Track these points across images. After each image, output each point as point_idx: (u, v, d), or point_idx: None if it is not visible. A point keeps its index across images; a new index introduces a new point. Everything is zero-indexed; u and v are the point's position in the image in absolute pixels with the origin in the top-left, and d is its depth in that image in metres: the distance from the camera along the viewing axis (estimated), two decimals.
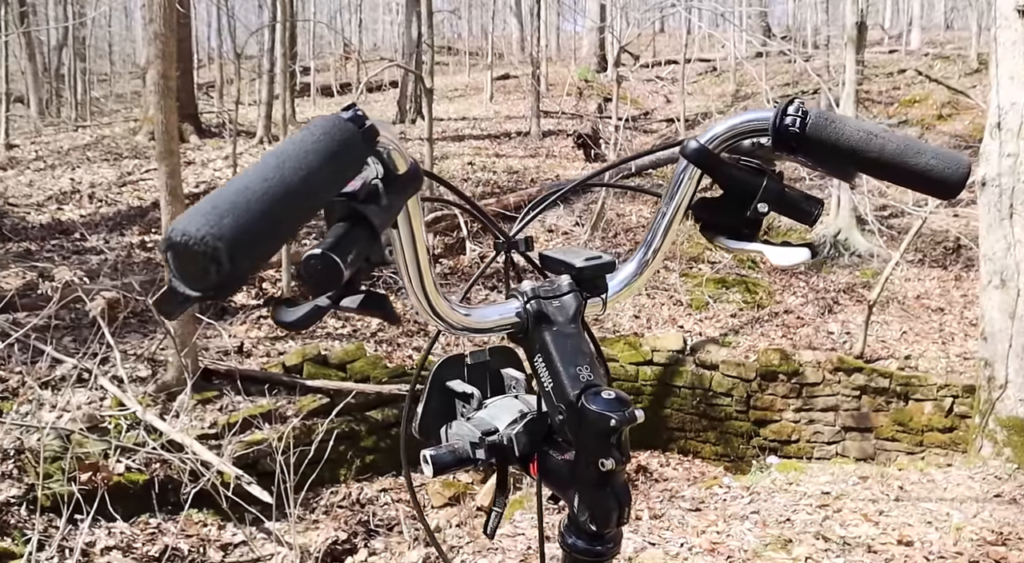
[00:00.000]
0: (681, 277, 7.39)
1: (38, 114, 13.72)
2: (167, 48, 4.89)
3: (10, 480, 4.08)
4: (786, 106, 0.68)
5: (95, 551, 3.88)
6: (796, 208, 0.71)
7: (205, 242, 0.40)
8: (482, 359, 0.75)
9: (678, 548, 2.78)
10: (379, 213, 0.53)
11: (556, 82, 16.15)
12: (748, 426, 6.16)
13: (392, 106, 14.30)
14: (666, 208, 0.77)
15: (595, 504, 0.64)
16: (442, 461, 0.66)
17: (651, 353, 6.29)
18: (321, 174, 0.47)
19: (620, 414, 0.62)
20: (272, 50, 8.98)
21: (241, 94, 15.30)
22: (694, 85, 15.58)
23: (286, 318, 0.51)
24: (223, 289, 0.41)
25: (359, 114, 0.51)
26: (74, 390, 4.67)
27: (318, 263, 0.50)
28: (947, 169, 0.65)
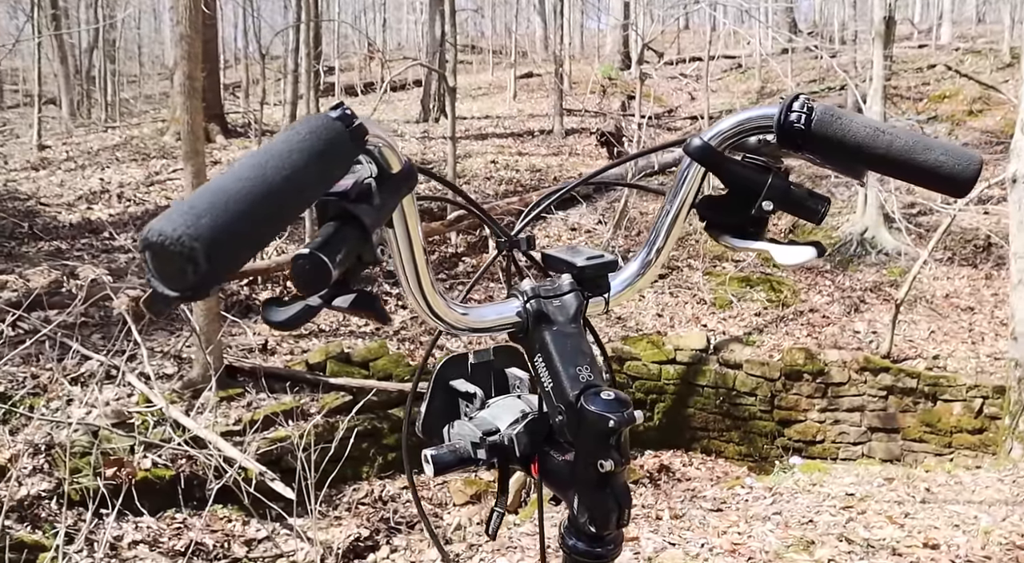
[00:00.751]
0: (704, 276, 7.34)
1: (69, 115, 13.96)
2: (192, 49, 4.95)
3: (41, 474, 4.16)
4: (791, 102, 0.66)
5: (123, 545, 3.95)
6: (802, 206, 0.70)
7: (181, 242, 0.40)
8: (486, 358, 0.75)
9: (698, 549, 2.76)
10: (371, 212, 0.53)
11: (579, 80, 16.10)
12: (772, 426, 6.11)
13: (416, 105, 14.35)
14: (670, 206, 0.76)
15: (594, 505, 0.63)
16: (443, 461, 0.66)
17: (674, 352, 6.25)
18: (305, 173, 0.47)
19: (619, 415, 0.61)
20: (297, 50, 9.06)
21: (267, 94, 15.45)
22: (719, 82, 15.45)
23: (275, 317, 0.51)
24: (201, 289, 0.41)
25: (347, 113, 0.51)
26: (102, 387, 4.75)
27: (306, 263, 0.49)
28: (957, 166, 0.63)
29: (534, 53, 19.55)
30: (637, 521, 3.09)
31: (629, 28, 15.86)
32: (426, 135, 12.34)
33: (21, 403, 4.49)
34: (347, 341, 5.93)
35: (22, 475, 4.06)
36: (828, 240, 8.15)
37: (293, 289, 0.52)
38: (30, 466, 4.15)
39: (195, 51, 5.00)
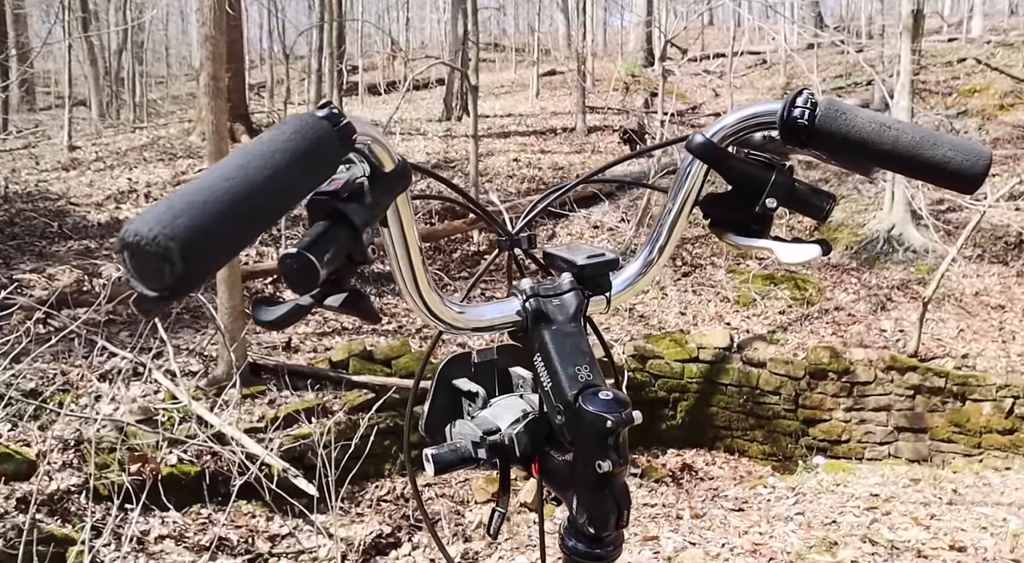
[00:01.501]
0: (728, 273, 7.28)
1: (99, 116, 14.18)
2: (217, 50, 5.01)
3: (70, 469, 4.24)
4: (794, 98, 0.65)
5: (149, 539, 4.01)
6: (806, 203, 0.69)
7: (157, 242, 0.40)
8: (489, 357, 0.74)
9: (719, 548, 2.74)
10: (361, 212, 0.53)
11: (602, 77, 16.04)
12: (797, 425, 6.05)
13: (439, 104, 14.38)
14: (672, 204, 0.75)
15: (593, 506, 0.63)
16: (443, 460, 0.66)
17: (697, 350, 6.21)
18: (289, 173, 0.46)
19: (617, 415, 0.60)
20: (320, 50, 9.12)
21: (291, 94, 15.58)
22: (743, 78, 15.30)
23: (265, 317, 0.51)
24: (180, 289, 0.41)
25: (334, 112, 0.51)
26: (129, 383, 4.83)
27: (293, 262, 0.49)
28: (965, 161, 0.62)
29: (557, 51, 19.51)
30: (657, 520, 3.08)
31: (652, 25, 15.76)
32: (449, 133, 12.37)
33: (51, 399, 4.57)
34: (370, 339, 5.96)
35: (52, 470, 4.14)
36: (854, 237, 8.04)
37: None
38: (60, 461, 4.22)
39: (220, 52, 5.06)
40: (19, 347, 3.74)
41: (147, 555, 3.87)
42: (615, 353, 6.11)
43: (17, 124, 14.28)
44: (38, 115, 17.15)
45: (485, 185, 9.35)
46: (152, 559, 3.86)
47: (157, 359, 4.96)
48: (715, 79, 14.13)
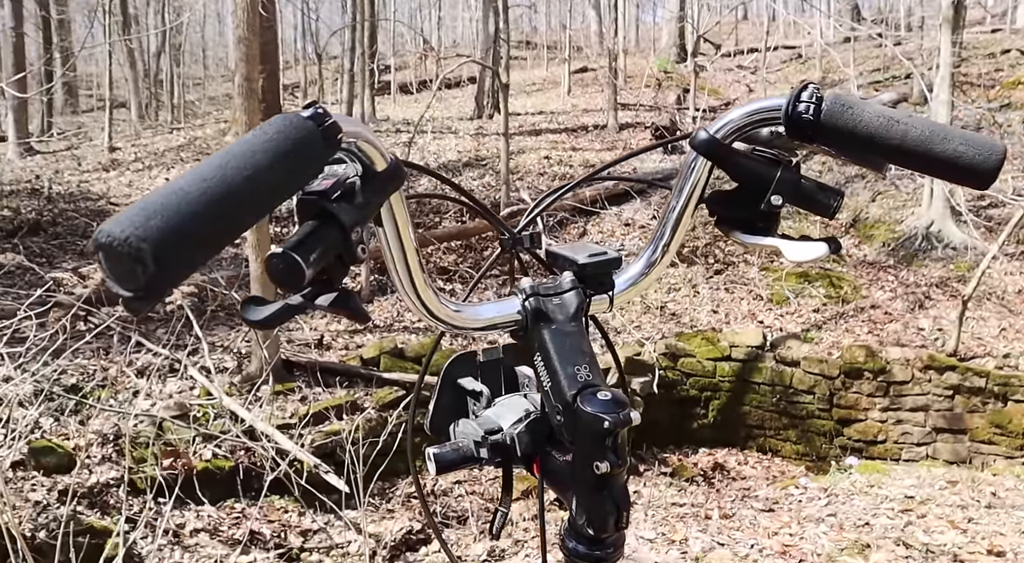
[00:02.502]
0: (761, 271, 7.19)
1: (138, 118, 14.47)
2: (250, 52, 5.08)
3: (109, 463, 4.34)
4: (799, 92, 0.64)
5: (185, 532, 4.09)
6: (813, 200, 0.67)
7: (129, 243, 0.40)
8: (495, 356, 0.73)
9: (747, 549, 2.70)
10: (350, 211, 0.53)
11: (635, 74, 15.93)
12: (831, 425, 5.95)
13: (470, 102, 14.42)
14: (676, 202, 0.74)
15: (592, 508, 0.62)
16: (445, 459, 0.65)
17: (729, 349, 6.15)
18: (269, 174, 0.46)
19: (615, 416, 0.59)
20: (352, 50, 9.20)
21: (324, 93, 15.73)
22: (777, 73, 15.08)
23: (253, 317, 0.51)
24: (154, 290, 0.41)
25: (319, 112, 0.50)
26: (166, 379, 4.92)
27: (279, 262, 0.49)
28: (978, 156, 0.60)
29: (588, 48, 19.43)
30: (686, 520, 3.05)
31: (685, 20, 15.62)
32: (480, 132, 12.39)
33: (91, 395, 4.68)
34: (401, 336, 6.01)
35: (92, 464, 4.24)
36: (891, 234, 7.89)
37: (351, 286, 0.52)
38: (99, 455, 4.32)
39: (253, 53, 5.13)
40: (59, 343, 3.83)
41: (183, 548, 3.95)
42: (646, 351, 6.08)
43: (60, 126, 14.65)
44: (80, 117, 17.56)
45: (516, 183, 9.35)
46: (187, 552, 3.94)
47: (192, 356, 5.05)
48: (749, 74, 13.96)
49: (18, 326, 3.63)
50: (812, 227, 7.54)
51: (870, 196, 8.57)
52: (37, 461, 4.10)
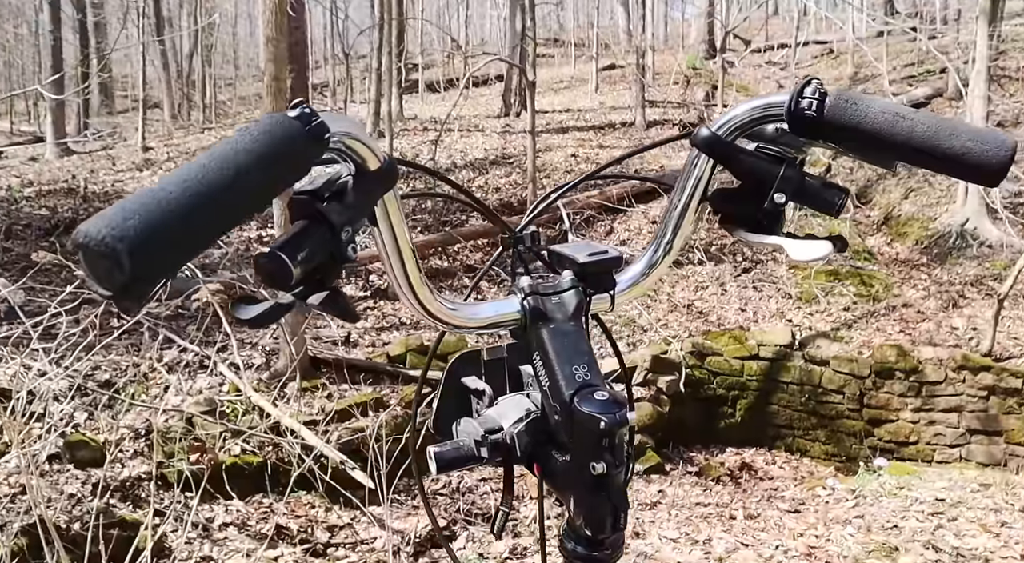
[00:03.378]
0: (790, 269, 7.11)
1: (171, 118, 14.70)
2: (278, 52, 5.13)
3: (141, 457, 4.42)
4: (802, 88, 0.63)
5: (214, 526, 4.15)
6: (817, 198, 0.66)
7: (105, 244, 0.40)
8: (499, 355, 0.73)
9: (772, 551, 2.68)
10: (340, 211, 0.53)
11: (663, 71, 15.82)
12: (861, 425, 5.87)
13: (498, 100, 14.43)
14: (678, 200, 0.73)
15: (589, 509, 0.61)
16: (445, 458, 0.65)
17: (757, 347, 6.09)
18: (253, 174, 0.46)
19: (611, 416, 0.59)
20: (380, 49, 9.25)
21: (353, 92, 15.84)
22: (808, 68, 14.88)
23: (243, 316, 0.51)
24: (131, 291, 0.41)
25: (307, 111, 0.50)
26: (196, 375, 5.00)
27: (267, 261, 0.50)
28: (986, 152, 0.58)
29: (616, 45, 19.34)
30: (710, 520, 3.03)
31: (714, 16, 15.47)
32: (507, 129, 12.39)
33: (123, 390, 4.77)
34: (427, 334, 6.03)
35: (124, 458, 4.32)
36: (925, 232, 7.75)
37: (379, 284, 0.52)
38: (131, 449, 4.40)
39: (280, 53, 5.18)
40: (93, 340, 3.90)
41: (212, 541, 4.01)
42: (672, 350, 6.04)
43: (96, 127, 14.94)
44: (116, 118, 17.90)
45: (543, 181, 9.34)
46: (216, 545, 4.00)
47: (222, 352, 5.13)
48: (779, 70, 13.79)
49: (53, 322, 3.71)
50: (842, 225, 7.44)
51: (902, 193, 8.42)
52: (72, 454, 4.19)
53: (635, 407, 0.62)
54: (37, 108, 17.46)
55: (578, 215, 8.38)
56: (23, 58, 23.15)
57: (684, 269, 7.37)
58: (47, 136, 12.59)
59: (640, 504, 3.59)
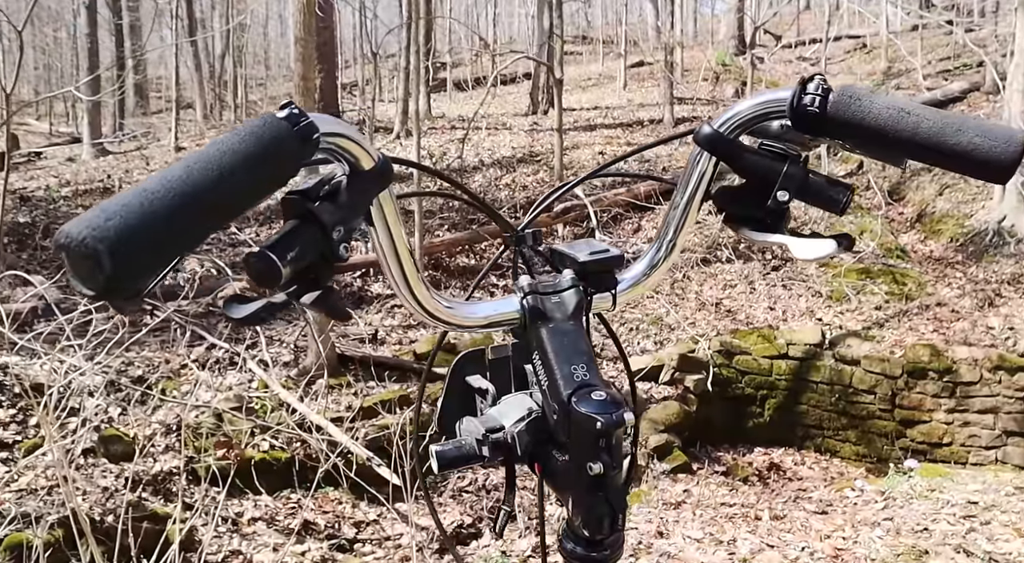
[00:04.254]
0: (820, 267, 7.01)
1: (203, 118, 14.92)
2: (306, 52, 5.19)
3: (172, 452, 4.50)
4: (805, 84, 0.62)
5: (243, 521, 4.21)
6: (821, 195, 0.65)
7: (85, 244, 0.40)
8: (504, 354, 0.73)
9: (798, 552, 2.64)
10: (332, 211, 0.53)
11: (692, 67, 15.69)
12: (893, 426, 5.77)
13: (525, 98, 14.42)
14: (680, 198, 0.72)
15: (587, 509, 0.61)
16: (447, 456, 0.65)
17: (786, 346, 6.02)
18: (239, 175, 0.46)
19: (607, 417, 0.58)
20: (408, 48, 9.30)
21: (382, 91, 15.93)
22: (840, 64, 14.66)
23: (235, 314, 0.52)
24: (114, 291, 0.42)
25: (295, 112, 0.50)
26: (226, 372, 5.08)
27: (256, 261, 0.50)
28: (995, 148, 0.57)
29: (645, 42, 19.23)
30: (735, 520, 3.00)
31: (744, 11, 15.30)
32: (534, 127, 12.39)
33: (155, 386, 4.86)
34: (453, 332, 6.06)
35: (156, 452, 4.41)
36: (960, 229, 7.59)
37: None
38: (163, 444, 4.49)
39: (309, 54, 5.24)
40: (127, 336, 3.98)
41: (240, 536, 4.07)
42: (700, 349, 5.99)
43: (131, 127, 15.21)
44: (150, 118, 18.21)
45: (570, 178, 9.32)
46: (245, 539, 4.06)
47: (251, 349, 5.20)
48: (810, 66, 13.59)
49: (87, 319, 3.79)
50: (874, 222, 7.32)
51: (937, 189, 8.26)
52: (106, 449, 4.28)
53: (641, 408, 0.62)
54: (75, 110, 17.84)
55: (605, 213, 8.35)
56: (61, 61, 23.66)
57: (712, 267, 7.31)
58: (83, 137, 12.86)
59: (665, 504, 3.57)
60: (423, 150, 8.89)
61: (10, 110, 4.44)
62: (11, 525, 3.32)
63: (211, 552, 3.85)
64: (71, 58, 21.17)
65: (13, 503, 3.65)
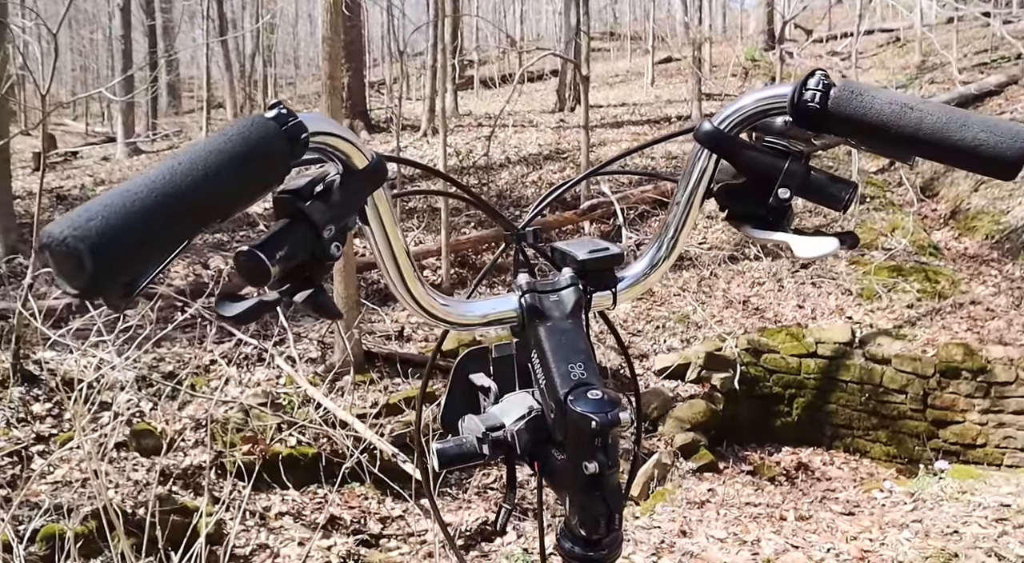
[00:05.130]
0: (850, 265, 6.91)
1: (233, 117, 15.10)
2: (333, 51, 5.23)
3: (201, 446, 4.57)
4: (806, 79, 0.61)
5: (271, 515, 4.27)
6: (823, 193, 0.64)
7: (66, 244, 0.41)
8: (507, 352, 0.72)
9: (823, 553, 2.61)
10: (323, 210, 0.53)
11: (720, 63, 15.54)
12: (925, 426, 5.67)
13: (553, 95, 14.40)
14: (681, 196, 0.71)
15: (583, 508, 0.61)
16: (448, 454, 0.65)
17: (815, 345, 5.94)
18: (225, 175, 0.47)
19: (603, 416, 0.58)
20: (435, 46, 9.33)
21: (409, 90, 16.01)
22: (873, 58, 14.42)
23: (226, 312, 0.52)
24: (95, 289, 0.42)
25: (283, 112, 0.50)
26: (254, 368, 5.14)
27: (245, 259, 0.50)
28: (1000, 144, 0.56)
29: (673, 37, 19.08)
30: (759, 520, 2.97)
31: (774, 6, 15.11)
32: (561, 124, 12.36)
33: (185, 381, 4.94)
34: (479, 329, 6.07)
35: (186, 446, 4.48)
36: (996, 226, 7.43)
37: (432, 279, 0.52)
38: (192, 439, 4.56)
39: (335, 52, 5.28)
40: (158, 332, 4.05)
41: (268, 529, 4.13)
42: (727, 347, 5.94)
43: (164, 127, 15.46)
44: (182, 118, 18.49)
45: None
46: (272, 533, 4.12)
47: (279, 346, 5.26)
48: (841, 61, 13.39)
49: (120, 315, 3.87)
50: (906, 219, 7.20)
51: (972, 185, 8.10)
52: (137, 442, 4.37)
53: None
54: (110, 110, 18.17)
55: (632, 210, 8.31)
56: (97, 62, 24.13)
57: (740, 265, 7.24)
58: (118, 136, 13.09)
59: (689, 503, 3.55)
60: (449, 148, 8.92)
61: (45, 111, 4.54)
62: (46, 516, 3.40)
63: (239, 545, 3.91)
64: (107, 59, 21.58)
65: (48, 495, 3.74)
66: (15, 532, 3.19)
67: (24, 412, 4.52)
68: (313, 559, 3.76)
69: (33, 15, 9.19)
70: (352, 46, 10.87)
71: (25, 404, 4.57)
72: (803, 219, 8.02)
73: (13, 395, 4.56)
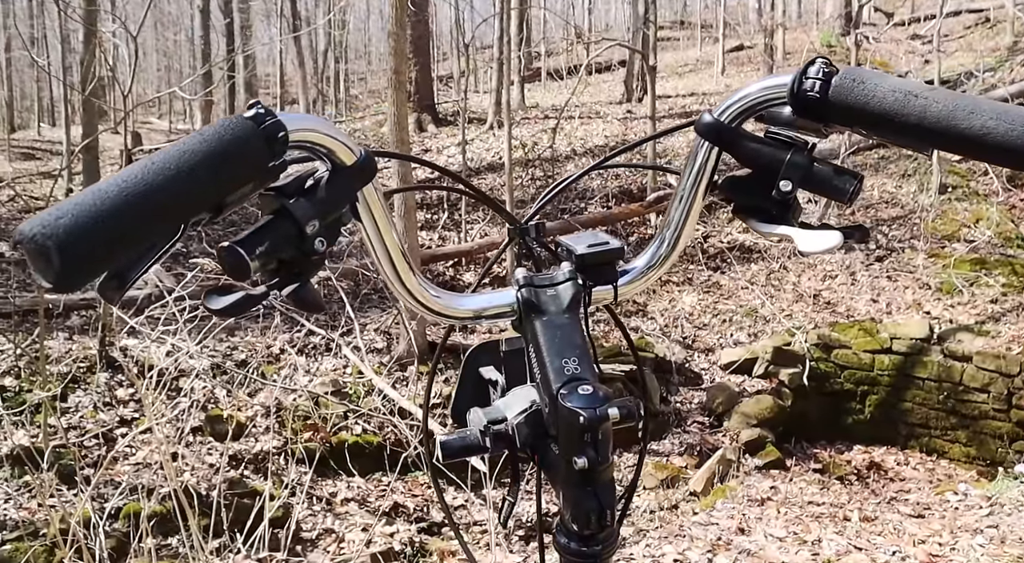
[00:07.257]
0: (929, 258, 6.63)
1: (305, 112, 15.45)
2: (399, 46, 5.30)
3: (271, 433, 4.74)
4: (806, 68, 0.59)
5: (337, 501, 4.39)
6: (827, 185, 0.62)
7: (35, 241, 0.43)
8: (517, 346, 0.72)
9: (888, 556, 2.52)
10: (306, 207, 0.54)
11: (794, 50, 15.07)
12: (1009, 427, 5.41)
13: (620, 86, 14.25)
14: (683, 189, 0.70)
15: (575, 503, 0.61)
16: (452, 446, 0.65)
17: (890, 340, 5.73)
18: (199, 174, 0.48)
19: (591, 411, 0.58)
20: (501, 38, 9.36)
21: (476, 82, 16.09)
22: (959, 41, 13.74)
23: (214, 306, 0.53)
24: (65, 284, 0.44)
25: (261, 112, 0.51)
26: (322, 358, 5.29)
27: (226, 255, 0.52)
28: (1011, 132, 0.53)
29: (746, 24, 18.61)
30: (822, 520, 2.90)
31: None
32: (628, 116, 12.23)
33: (257, 370, 5.11)
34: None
35: (257, 433, 4.65)
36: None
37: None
38: (263, 425, 4.73)
39: (401, 47, 5.35)
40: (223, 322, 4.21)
41: (334, 515, 4.25)
42: (796, 342, 5.79)
43: None
44: None
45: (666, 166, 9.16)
46: (338, 518, 4.23)
47: (346, 336, 5.39)
48: (923, 45, 12.81)
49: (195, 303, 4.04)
50: (990, 210, 6.86)
51: None
52: (212, 428, 4.55)
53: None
54: (191, 108, 18.88)
55: None
56: (180, 62, 25.09)
57: (811, 257, 7.04)
58: None
59: (750, 500, 3.48)
60: (515, 140, 8.94)
61: (126, 109, 4.76)
62: (127, 496, 3.59)
63: (307, 529, 4.04)
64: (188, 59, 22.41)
65: (130, 475, 3.94)
66: (100, 509, 3.37)
67: (109, 397, 4.77)
68: (376, 545, 3.85)
69: (119, 20, 9.62)
70: (419, 40, 11.00)
71: (110, 389, 4.83)
72: (879, 210, 7.73)
73: (100, 380, 4.82)
